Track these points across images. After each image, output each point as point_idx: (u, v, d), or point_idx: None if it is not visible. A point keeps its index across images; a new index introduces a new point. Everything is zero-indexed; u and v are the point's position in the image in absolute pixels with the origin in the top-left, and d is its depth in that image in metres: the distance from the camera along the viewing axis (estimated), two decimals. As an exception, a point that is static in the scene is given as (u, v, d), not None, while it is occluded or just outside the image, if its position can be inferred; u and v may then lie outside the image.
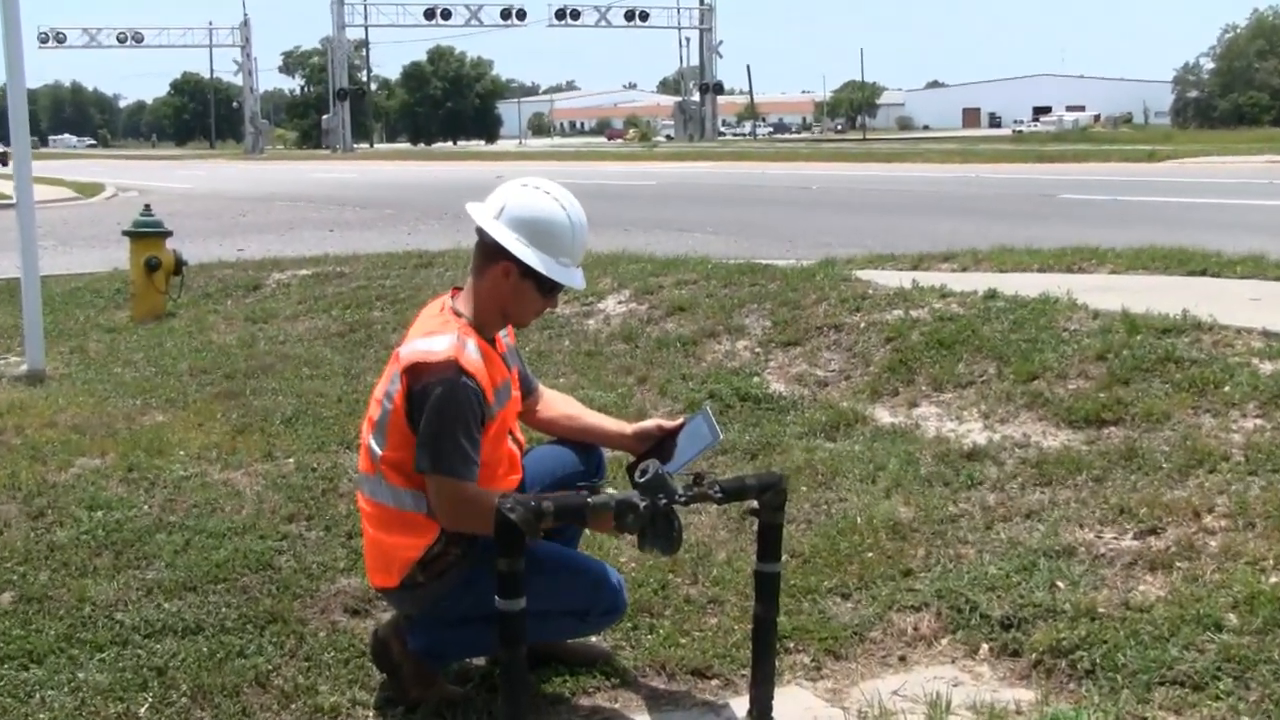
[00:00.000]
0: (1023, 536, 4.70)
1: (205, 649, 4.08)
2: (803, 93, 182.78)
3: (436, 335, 3.52)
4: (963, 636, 4.10)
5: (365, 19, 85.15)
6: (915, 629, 4.19)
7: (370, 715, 3.75)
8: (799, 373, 7.16)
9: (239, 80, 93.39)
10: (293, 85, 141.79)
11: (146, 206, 11.35)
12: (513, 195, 3.58)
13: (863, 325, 7.48)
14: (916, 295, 7.79)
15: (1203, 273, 8.83)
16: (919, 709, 3.68)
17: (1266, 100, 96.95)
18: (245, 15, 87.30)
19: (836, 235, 15.33)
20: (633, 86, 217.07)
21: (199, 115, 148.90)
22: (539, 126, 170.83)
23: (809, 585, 4.47)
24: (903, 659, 4.06)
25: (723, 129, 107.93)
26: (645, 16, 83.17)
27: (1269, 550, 4.26)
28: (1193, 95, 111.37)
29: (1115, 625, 3.93)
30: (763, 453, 5.97)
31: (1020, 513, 4.93)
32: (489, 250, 3.57)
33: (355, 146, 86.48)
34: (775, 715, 3.59)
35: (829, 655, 4.07)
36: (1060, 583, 4.28)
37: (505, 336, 3.78)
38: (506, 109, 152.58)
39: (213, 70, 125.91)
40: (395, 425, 3.53)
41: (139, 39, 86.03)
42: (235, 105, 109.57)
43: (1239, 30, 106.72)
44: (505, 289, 3.58)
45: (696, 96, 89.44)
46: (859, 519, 4.98)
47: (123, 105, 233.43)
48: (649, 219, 18.22)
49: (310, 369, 8.16)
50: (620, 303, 9.02)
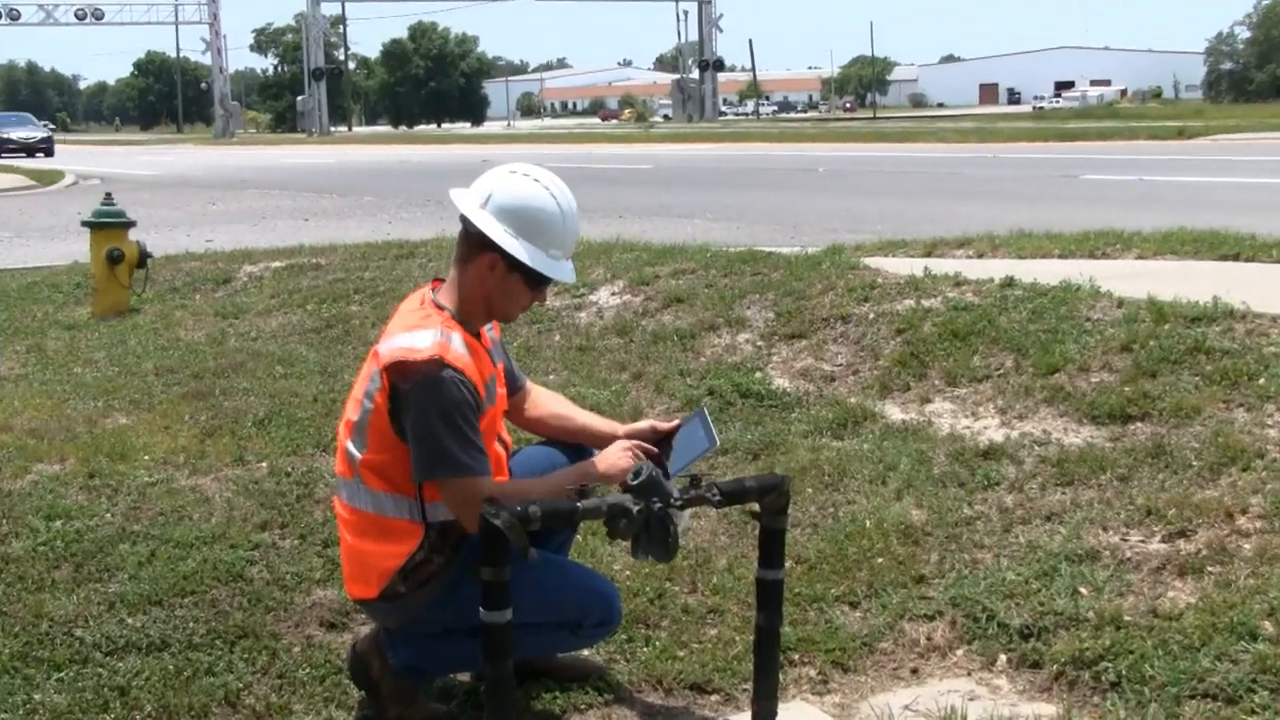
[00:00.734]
0: (1043, 540, 4.70)
1: (171, 667, 4.08)
2: (809, 69, 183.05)
3: (418, 330, 3.50)
4: (979, 647, 4.10)
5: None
6: (928, 639, 4.19)
7: (347, 736, 3.75)
8: (804, 367, 7.16)
9: (207, 59, 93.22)
10: (265, 65, 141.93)
11: (108, 195, 11.35)
12: (500, 183, 3.56)
13: (872, 316, 7.48)
14: (929, 284, 7.78)
15: (1235, 257, 8.82)
16: (932, 725, 3.69)
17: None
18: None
19: (844, 220, 15.33)
20: (628, 64, 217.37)
21: (165, 97, 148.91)
22: (528, 107, 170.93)
23: (815, 593, 4.47)
24: (915, 671, 4.06)
25: (724, 108, 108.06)
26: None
27: (1305, 553, 4.27)
28: (1227, 67, 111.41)
29: (1142, 634, 3.93)
30: (765, 452, 5.97)
31: (1040, 514, 4.93)
32: (474, 241, 3.55)
33: (332, 130, 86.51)
34: (779, 732, 3.59)
35: (836, 668, 4.07)
36: (1083, 589, 4.28)
37: (490, 330, 3.78)
38: (493, 89, 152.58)
39: (179, 49, 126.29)
40: (376, 427, 3.52)
41: (99, 15, 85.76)
42: (204, 86, 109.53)
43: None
44: (491, 282, 3.56)
45: (695, 74, 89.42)
46: (868, 522, 4.98)
47: (83, 86, 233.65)
48: (645, 205, 18.23)
49: (284, 367, 8.16)
50: (614, 294, 9.02)
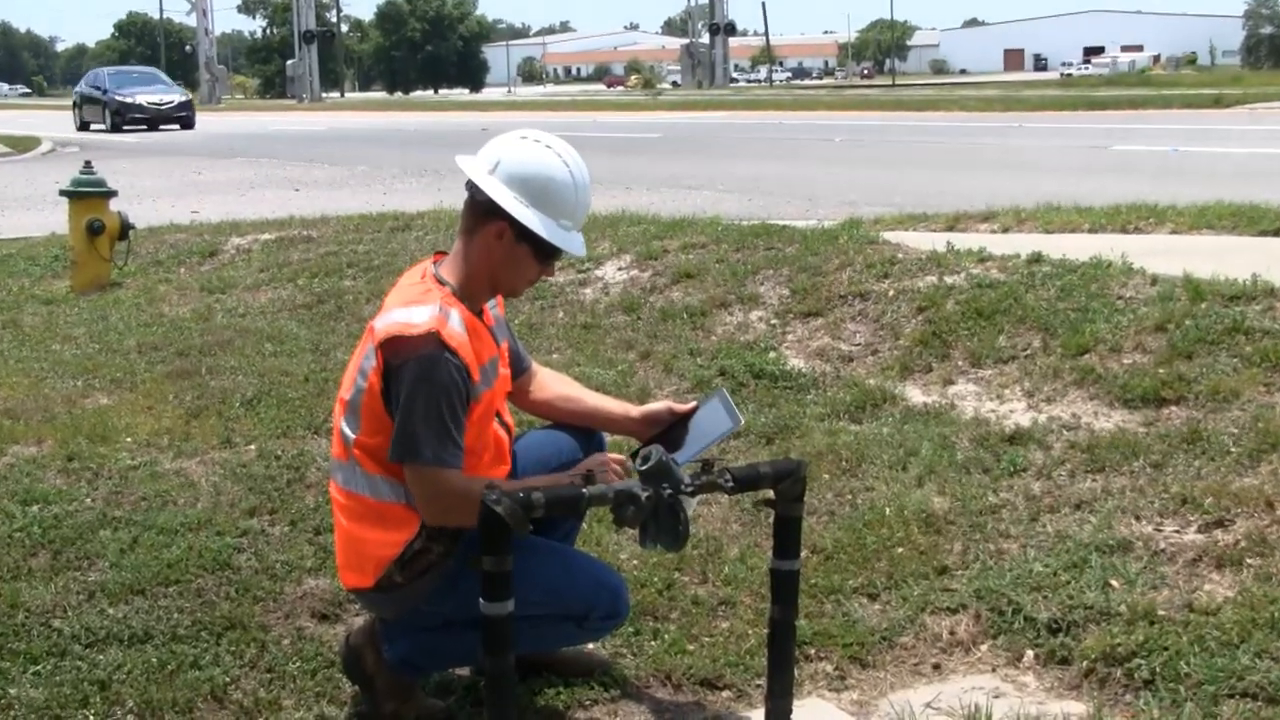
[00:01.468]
0: (1072, 529, 4.69)
1: (154, 659, 4.08)
2: (824, 34, 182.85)
3: (416, 306, 3.48)
4: (1005, 642, 4.10)
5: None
6: (951, 633, 4.18)
7: (340, 732, 3.75)
8: (820, 347, 7.15)
9: (192, 21, 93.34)
10: (253, 27, 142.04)
11: (87, 163, 11.32)
12: (509, 149, 3.55)
13: (891, 293, 7.47)
14: (952, 259, 7.77)
15: (1276, 233, 8.79)
16: (956, 723, 3.68)
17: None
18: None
19: (862, 192, 15.30)
20: (634, 27, 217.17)
21: (147, 61, 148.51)
22: (530, 73, 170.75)
23: (832, 585, 4.47)
24: (937, 667, 4.06)
25: (735, 75, 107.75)
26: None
27: (1349, 544, 4.26)
28: (1267, 31, 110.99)
29: (1177, 630, 3.92)
30: (780, 436, 5.97)
31: (1069, 503, 4.92)
32: (480, 209, 3.54)
33: (324, 96, 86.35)
34: (794, 731, 3.58)
35: (854, 663, 4.07)
36: (1115, 581, 4.27)
37: (493, 308, 3.76)
38: (493, 53, 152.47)
39: (162, 10, 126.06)
40: (369, 408, 3.51)
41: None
42: (188, 49, 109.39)
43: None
44: (498, 253, 3.55)
45: (706, 38, 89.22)
46: (888, 510, 4.97)
47: (60, 49, 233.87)
48: (653, 175, 18.19)
49: (274, 345, 8.15)
50: (620, 269, 9.00)
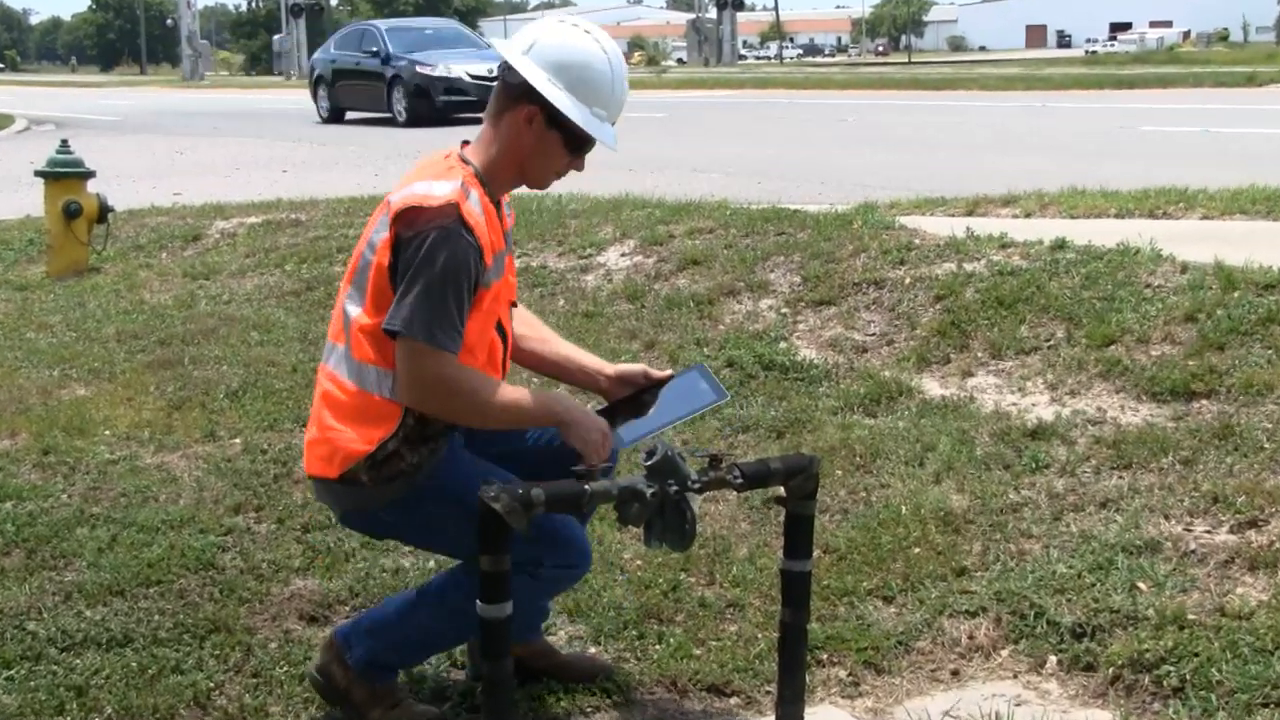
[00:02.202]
0: (1097, 529, 4.69)
1: (134, 664, 4.08)
2: (837, 9, 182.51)
3: (438, 180, 3.50)
4: (1026, 647, 4.10)
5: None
6: (970, 638, 4.19)
7: (329, 740, 3.76)
8: (833, 337, 7.15)
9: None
10: (238, 0, 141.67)
11: (64, 142, 11.32)
12: (547, 32, 3.57)
13: (908, 281, 7.47)
14: (971, 246, 7.77)
15: (1312, 218, 8.79)
16: (975, 732, 3.69)
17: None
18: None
19: (877, 175, 15.28)
20: (638, 2, 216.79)
21: (127, 35, 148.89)
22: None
23: (845, 586, 4.47)
24: (955, 673, 4.06)
25: (744, 51, 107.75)
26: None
27: (1389, 545, 4.26)
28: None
29: (1208, 635, 3.93)
30: (791, 431, 5.97)
31: (1094, 501, 4.93)
32: (512, 92, 3.55)
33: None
34: (806, 739, 3.59)
35: (868, 669, 4.07)
36: (1142, 584, 4.27)
37: (508, 215, 3.77)
38: (490, 27, 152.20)
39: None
40: (376, 284, 3.49)
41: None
42: (169, 23, 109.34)
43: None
44: (527, 139, 3.56)
45: (713, 13, 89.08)
46: (904, 509, 4.98)
47: (34, 22, 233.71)
48: (657, 157, 18.16)
49: (260, 333, 8.16)
50: (624, 255, 9.00)
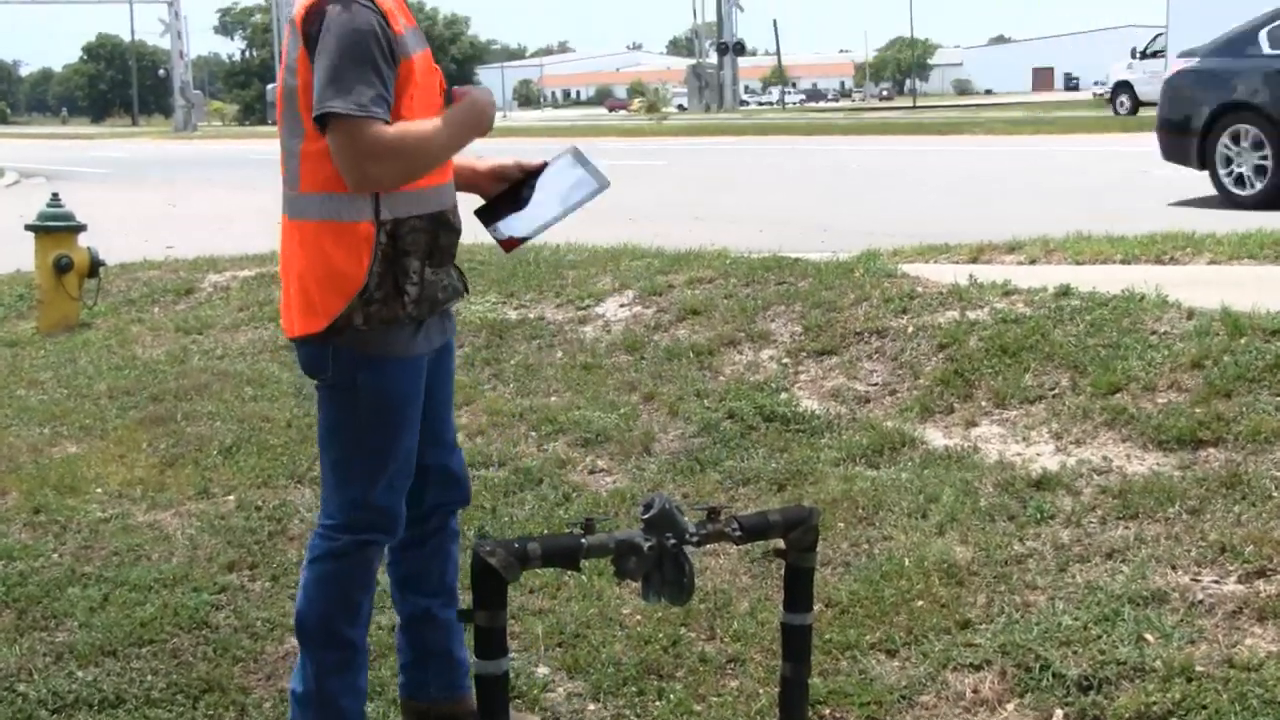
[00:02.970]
0: (1103, 580, 4.72)
1: (128, 724, 4.10)
2: (840, 53, 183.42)
3: None
4: (1032, 700, 4.12)
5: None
6: (975, 691, 4.20)
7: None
8: (835, 387, 7.18)
9: (165, 43, 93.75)
10: (231, 49, 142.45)
11: (55, 195, 11.38)
12: None
13: (911, 330, 7.51)
14: (975, 293, 7.81)
15: (1321, 263, 8.84)
16: (980, 787, 3.71)
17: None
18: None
19: (880, 222, 15.34)
20: (637, 47, 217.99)
21: (118, 85, 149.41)
22: (527, 96, 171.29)
23: (847, 640, 4.49)
24: (960, 728, 4.08)
25: (745, 97, 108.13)
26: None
27: (1398, 594, 4.28)
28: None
29: (1217, 687, 3.95)
30: (792, 482, 6.00)
31: (1100, 552, 4.95)
32: None
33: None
34: (808, 796, 3.60)
35: (872, 724, 4.09)
36: (1149, 635, 4.30)
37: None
38: (488, 75, 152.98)
39: (134, 31, 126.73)
40: (306, 102, 3.52)
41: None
42: (162, 73, 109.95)
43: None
44: None
45: (713, 58, 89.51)
46: (907, 561, 5.00)
47: (25, 73, 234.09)
48: (657, 205, 18.24)
49: (254, 389, 8.19)
50: (622, 306, 9.04)
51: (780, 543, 3.52)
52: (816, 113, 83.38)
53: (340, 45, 3.41)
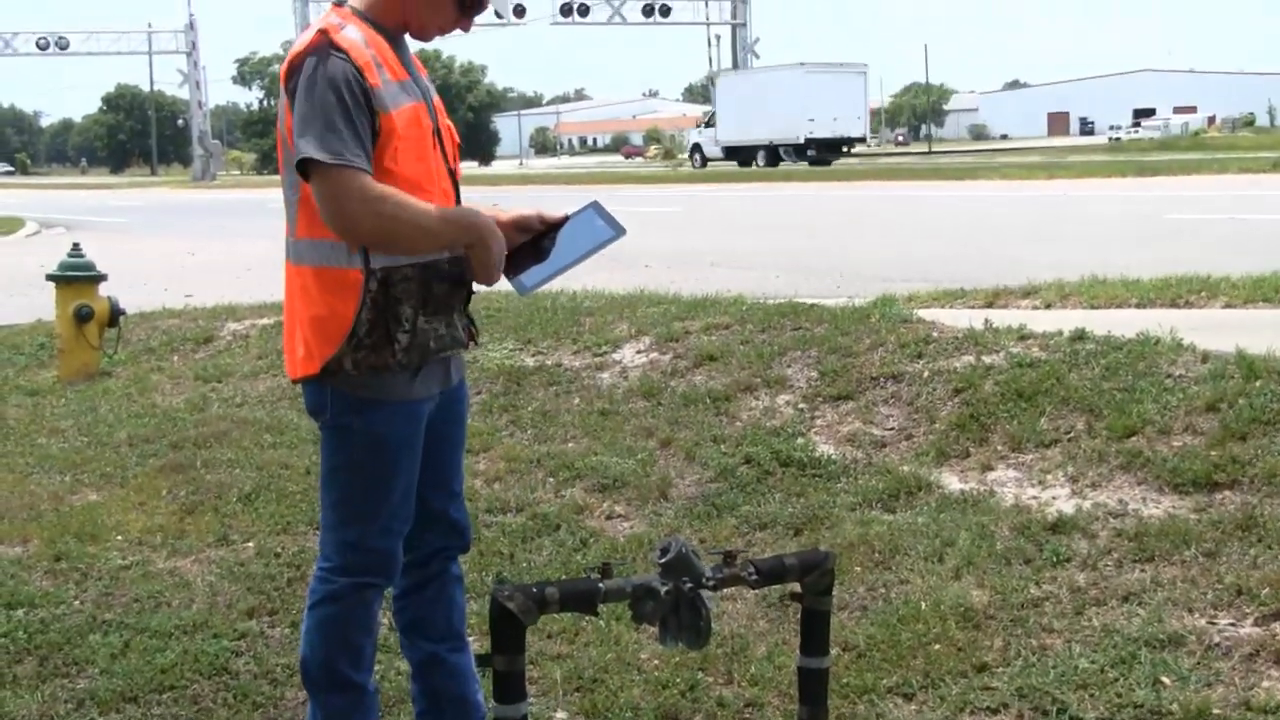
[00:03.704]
0: (1120, 623, 4.73)
1: (149, 769, 4.12)
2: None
3: (308, 30, 3.62)
4: (1049, 743, 4.12)
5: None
6: (992, 735, 4.21)
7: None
8: (851, 432, 7.20)
9: (184, 93, 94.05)
10: (249, 99, 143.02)
11: (75, 245, 11.45)
12: None
13: (926, 375, 7.53)
14: (990, 338, 7.83)
15: (1336, 306, 8.85)
16: (997, 830, 3.71)
17: None
18: (191, 16, 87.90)
19: (895, 268, 15.38)
20: (653, 95, 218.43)
21: (137, 135, 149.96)
22: (543, 144, 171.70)
23: (864, 684, 4.50)
24: (978, 771, 4.08)
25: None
26: (666, 12, 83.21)
27: None
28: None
29: (1232, 728, 3.95)
30: (808, 527, 6.01)
31: (1117, 595, 4.96)
32: None
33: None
34: (825, 839, 3.61)
35: (889, 768, 4.09)
36: (1166, 678, 4.30)
37: (418, 65, 3.84)
38: (504, 123, 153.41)
39: (153, 82, 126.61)
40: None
41: (64, 45, 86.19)
42: (180, 123, 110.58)
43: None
44: None
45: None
46: (923, 604, 5.01)
47: (45, 124, 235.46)
48: (673, 252, 18.30)
49: (273, 436, 8.24)
50: (639, 352, 9.08)
51: (797, 586, 3.54)
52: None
53: (312, 95, 3.47)
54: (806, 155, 60.34)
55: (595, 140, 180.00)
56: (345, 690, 3.77)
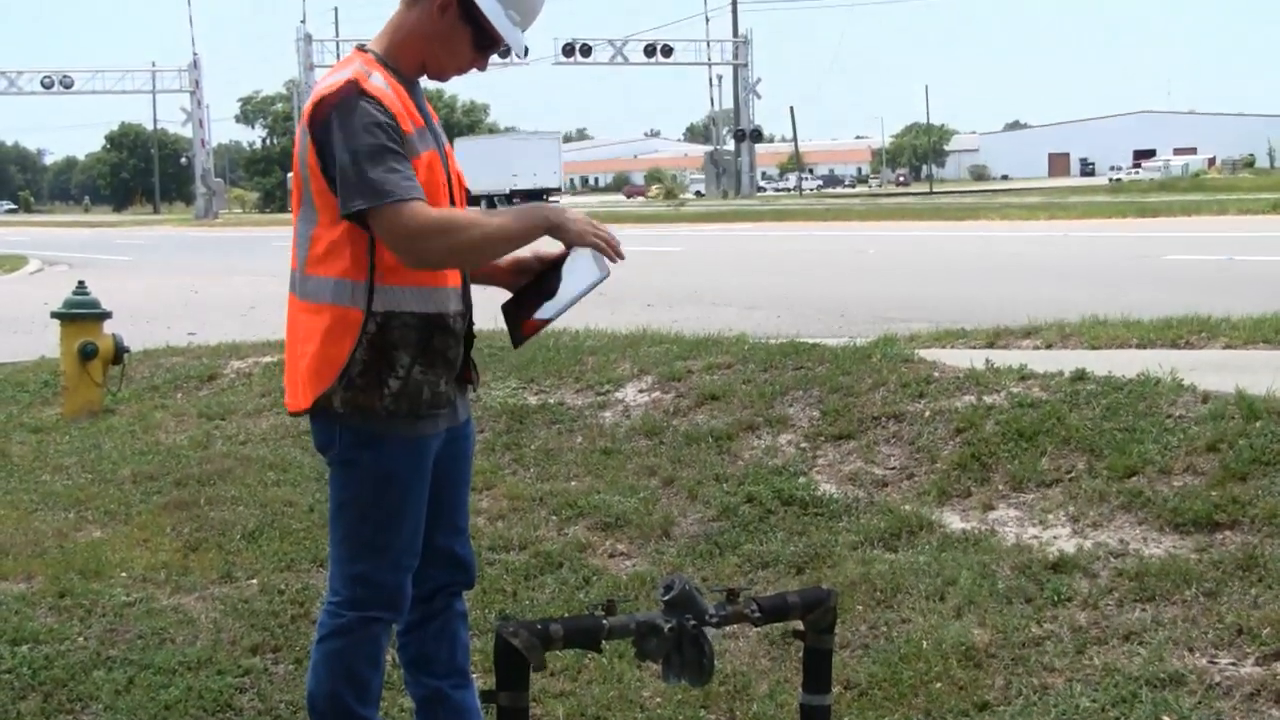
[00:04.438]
0: (1121, 662, 4.74)
1: (154, 805, 4.13)
2: (857, 139, 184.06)
3: (335, 73, 3.67)
4: (1050, 782, 4.13)
5: (338, 57, 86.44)
6: (994, 774, 4.22)
7: None
8: (853, 471, 7.22)
9: (187, 131, 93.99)
10: (252, 137, 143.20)
11: (80, 283, 11.48)
12: None
13: (928, 414, 7.55)
14: (991, 378, 7.86)
15: (1335, 346, 8.88)
16: None
17: None
18: (195, 55, 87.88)
19: (897, 308, 15.43)
20: (655, 134, 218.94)
21: (140, 173, 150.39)
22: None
23: (867, 723, 4.51)
24: (979, 809, 4.09)
25: (762, 183, 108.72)
26: (668, 52, 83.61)
27: None
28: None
29: (1232, 767, 3.96)
30: (810, 565, 6.03)
31: (1118, 634, 4.97)
32: None
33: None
34: None
35: (891, 806, 4.10)
36: (1167, 718, 4.32)
37: (430, 111, 3.88)
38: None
39: (156, 120, 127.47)
40: (318, 191, 3.63)
41: (67, 84, 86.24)
42: (183, 161, 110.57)
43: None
44: (438, 27, 3.72)
45: (731, 145, 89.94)
46: (925, 643, 5.02)
47: (49, 162, 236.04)
48: (675, 291, 18.36)
49: (276, 473, 8.25)
50: (641, 391, 9.10)
51: (799, 624, 3.56)
52: (833, 198, 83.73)
53: (354, 141, 3.51)
54: (511, 202, 74.64)
55: (597, 180, 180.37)
56: None
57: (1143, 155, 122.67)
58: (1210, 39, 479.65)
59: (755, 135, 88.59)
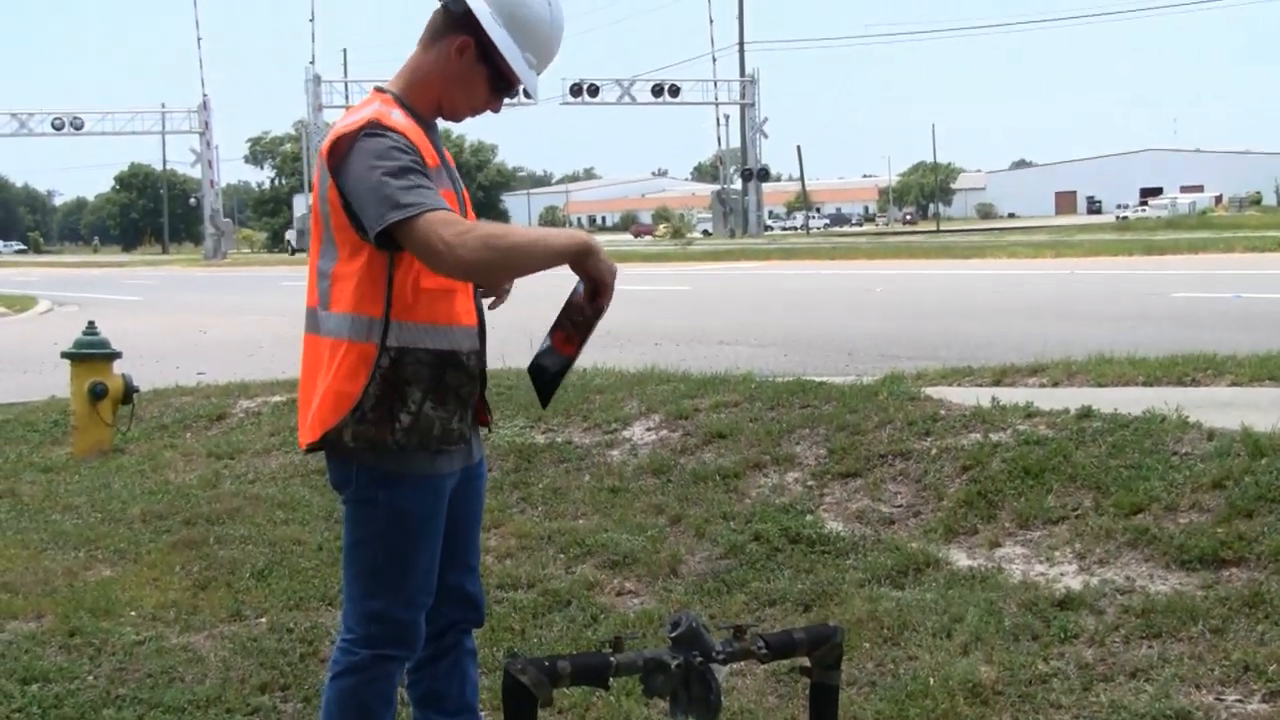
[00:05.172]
0: (1128, 699, 4.74)
1: (163, 843, 4.14)
2: (864, 177, 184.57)
3: (355, 112, 3.67)
4: (1057, 819, 4.13)
5: (346, 99, 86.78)
6: (1001, 811, 4.22)
7: None
8: (859, 509, 7.23)
9: (196, 172, 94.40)
10: (261, 178, 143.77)
11: (90, 324, 11.52)
12: None
13: (934, 452, 7.57)
14: (998, 416, 7.88)
15: (1341, 384, 8.89)
16: None
17: None
18: (204, 96, 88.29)
19: (904, 346, 15.46)
20: (662, 174, 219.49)
21: (150, 214, 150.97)
22: (552, 222, 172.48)
23: (874, 760, 4.51)
24: (986, 847, 4.09)
25: (770, 222, 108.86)
26: (676, 92, 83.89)
27: None
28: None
29: (1238, 803, 3.96)
30: (818, 603, 6.03)
31: (1124, 671, 4.97)
32: (450, 20, 3.73)
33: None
34: None
35: (899, 843, 4.11)
36: (1173, 754, 4.32)
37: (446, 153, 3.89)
38: (514, 202, 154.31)
39: (165, 161, 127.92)
40: (339, 225, 3.63)
41: (78, 125, 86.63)
42: (193, 202, 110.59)
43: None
44: (455, 69, 3.73)
45: (738, 184, 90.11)
46: (932, 680, 5.02)
47: (58, 203, 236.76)
48: (683, 330, 18.39)
49: (285, 512, 8.27)
50: (649, 429, 9.12)
51: (806, 661, 3.57)
52: (840, 237, 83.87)
53: (376, 165, 3.51)
54: None
55: (604, 219, 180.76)
56: None
57: (1149, 193, 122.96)
58: (1216, 78, 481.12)
59: (762, 174, 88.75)
